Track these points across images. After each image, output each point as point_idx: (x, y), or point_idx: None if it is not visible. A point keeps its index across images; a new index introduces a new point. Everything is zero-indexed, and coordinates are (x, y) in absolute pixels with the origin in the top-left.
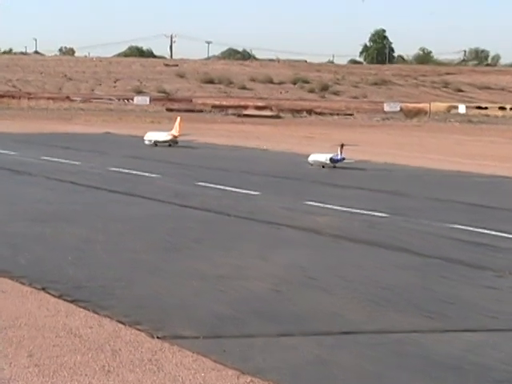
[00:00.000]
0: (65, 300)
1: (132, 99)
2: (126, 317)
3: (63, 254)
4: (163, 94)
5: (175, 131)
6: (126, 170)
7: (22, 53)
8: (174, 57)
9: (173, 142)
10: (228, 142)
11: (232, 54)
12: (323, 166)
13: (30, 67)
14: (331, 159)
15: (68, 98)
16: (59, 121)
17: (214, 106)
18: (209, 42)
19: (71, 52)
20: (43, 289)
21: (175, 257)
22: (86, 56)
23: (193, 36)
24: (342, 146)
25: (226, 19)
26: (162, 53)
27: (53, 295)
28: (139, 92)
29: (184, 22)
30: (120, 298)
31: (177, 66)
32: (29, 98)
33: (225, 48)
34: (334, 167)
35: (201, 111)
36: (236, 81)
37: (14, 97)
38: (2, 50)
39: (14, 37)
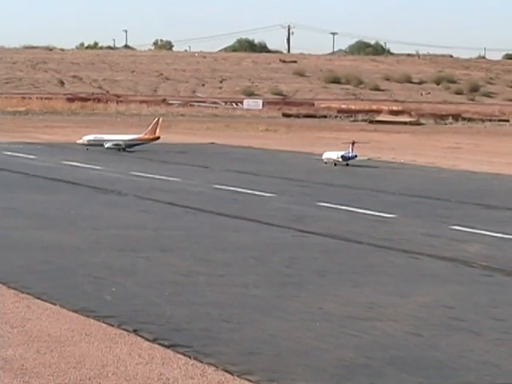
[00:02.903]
0: (160, 345)
1: (241, 103)
2: (235, 365)
3: (158, 290)
4: (279, 97)
5: (148, 131)
6: (234, 188)
7: (109, 47)
8: (291, 51)
9: (128, 146)
10: (357, 153)
11: (362, 48)
12: (335, 164)
13: (120, 64)
14: (343, 157)
15: (164, 101)
16: None
17: (341, 111)
18: (334, 34)
19: (168, 46)
20: (134, 331)
21: (294, 293)
22: (185, 51)
23: (314, 26)
24: (353, 143)
25: (354, 6)
26: (278, 47)
27: (146, 339)
28: (250, 94)
29: (304, 10)
30: (227, 343)
31: (295, 62)
32: (118, 102)
33: (353, 40)
34: (347, 165)
35: (324, 117)
36: (367, 80)
37: (99, 100)
38: (86, 45)
39: (100, 28)
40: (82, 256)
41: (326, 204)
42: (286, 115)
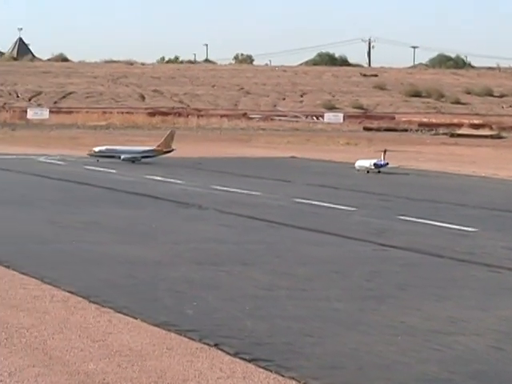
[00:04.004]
0: (242, 359)
1: (322, 116)
2: (316, 379)
3: (239, 304)
4: (360, 110)
5: (160, 144)
6: (315, 202)
7: (190, 61)
8: (372, 65)
9: (136, 159)
10: (438, 167)
11: (443, 61)
12: (368, 171)
13: (200, 79)
14: (375, 164)
15: (245, 115)
16: (235, 143)
17: (422, 124)
18: (414, 47)
19: (249, 60)
20: (216, 345)
21: (376, 307)
22: (266, 65)
23: (395, 40)
24: (385, 151)
25: (435, 20)
26: (359, 60)
27: (227, 353)
28: (331, 108)
29: (384, 24)
30: (309, 357)
31: (376, 75)
32: (198, 116)
33: (434, 54)
34: (379, 172)
35: (405, 130)
36: (448, 93)
37: (180, 114)
38: (167, 59)
39: (180, 42)
40: (163, 270)
41: (406, 218)
42: (366, 129)
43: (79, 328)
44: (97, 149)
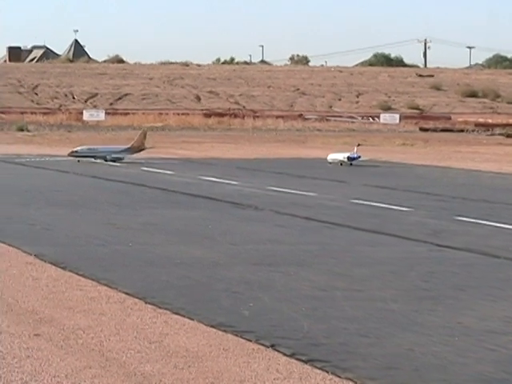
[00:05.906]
0: (298, 360)
1: (378, 117)
2: (373, 380)
3: (296, 305)
4: (416, 111)
5: (134, 142)
6: (371, 203)
7: (245, 62)
8: (428, 65)
9: (118, 159)
10: (495, 167)
11: (499, 62)
12: (341, 164)
13: (256, 80)
14: (348, 157)
15: (301, 116)
16: (291, 144)
17: (478, 125)
18: (471, 48)
19: (304, 61)
20: (272, 346)
21: (432, 307)
22: (322, 66)
23: (451, 40)
24: (358, 145)
25: (491, 20)
26: (415, 61)
27: (284, 354)
28: (387, 108)
29: (440, 24)
30: (365, 358)
31: (432, 76)
32: (254, 117)
33: (490, 54)
34: (351, 165)
35: (461, 131)
36: (504, 94)
37: (236, 115)
38: (223, 60)
39: (236, 44)
40: (219, 271)
41: (463, 218)
42: (422, 129)
43: (136, 329)
44: (77, 149)
